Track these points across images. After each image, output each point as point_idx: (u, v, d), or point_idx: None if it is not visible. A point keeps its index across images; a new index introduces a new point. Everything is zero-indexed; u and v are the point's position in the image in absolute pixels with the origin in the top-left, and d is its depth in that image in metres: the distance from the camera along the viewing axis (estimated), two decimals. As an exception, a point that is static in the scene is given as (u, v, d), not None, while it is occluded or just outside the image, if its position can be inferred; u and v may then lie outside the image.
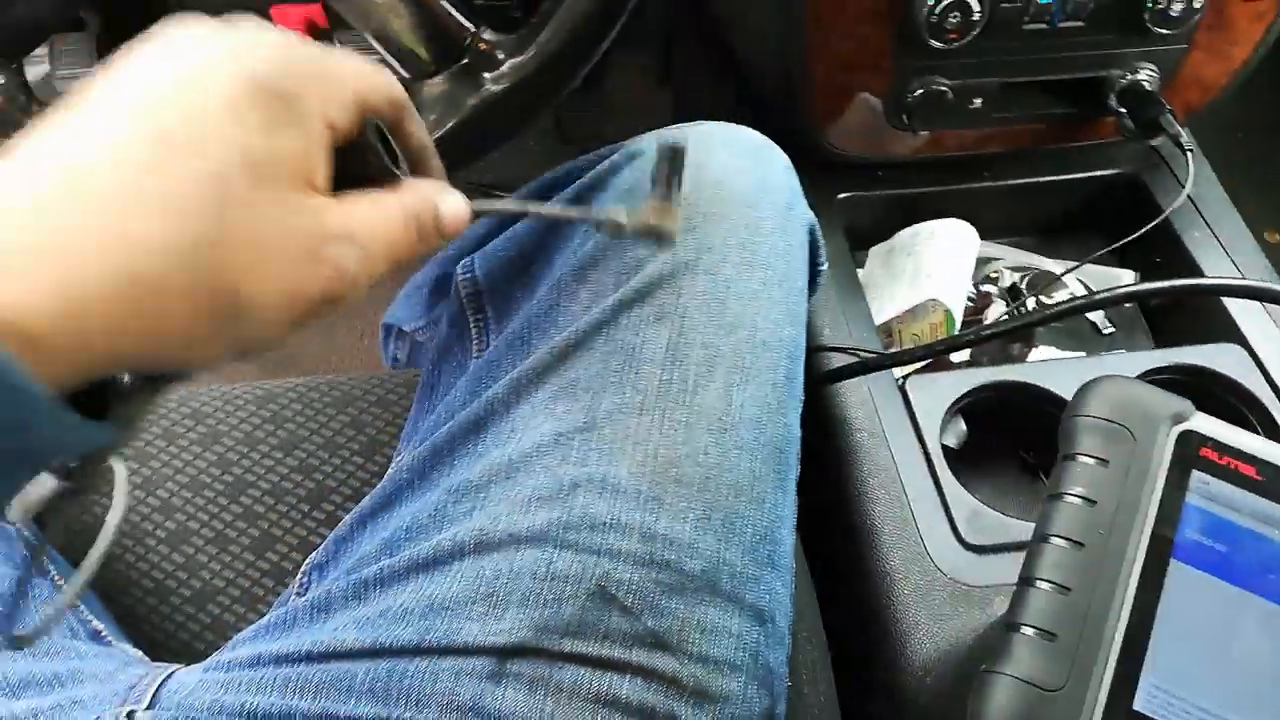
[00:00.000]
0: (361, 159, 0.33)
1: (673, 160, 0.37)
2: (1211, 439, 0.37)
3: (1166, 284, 0.55)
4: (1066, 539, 0.35)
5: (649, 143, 0.54)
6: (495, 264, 0.56)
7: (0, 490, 0.27)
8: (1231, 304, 0.70)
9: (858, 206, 0.79)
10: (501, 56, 0.46)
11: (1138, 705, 0.32)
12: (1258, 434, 0.65)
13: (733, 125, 0.56)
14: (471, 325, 0.57)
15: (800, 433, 0.52)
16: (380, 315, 0.73)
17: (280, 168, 0.28)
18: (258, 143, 0.27)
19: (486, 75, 0.46)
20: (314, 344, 1.21)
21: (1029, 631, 0.33)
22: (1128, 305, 0.79)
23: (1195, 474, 0.36)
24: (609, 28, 0.46)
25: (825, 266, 0.58)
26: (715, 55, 0.92)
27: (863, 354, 0.66)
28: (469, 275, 0.57)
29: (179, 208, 0.26)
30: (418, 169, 0.38)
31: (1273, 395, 0.64)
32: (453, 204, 0.35)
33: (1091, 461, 0.36)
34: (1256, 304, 0.70)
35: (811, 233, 0.56)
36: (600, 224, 0.38)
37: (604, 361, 0.47)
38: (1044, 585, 0.34)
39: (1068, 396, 0.63)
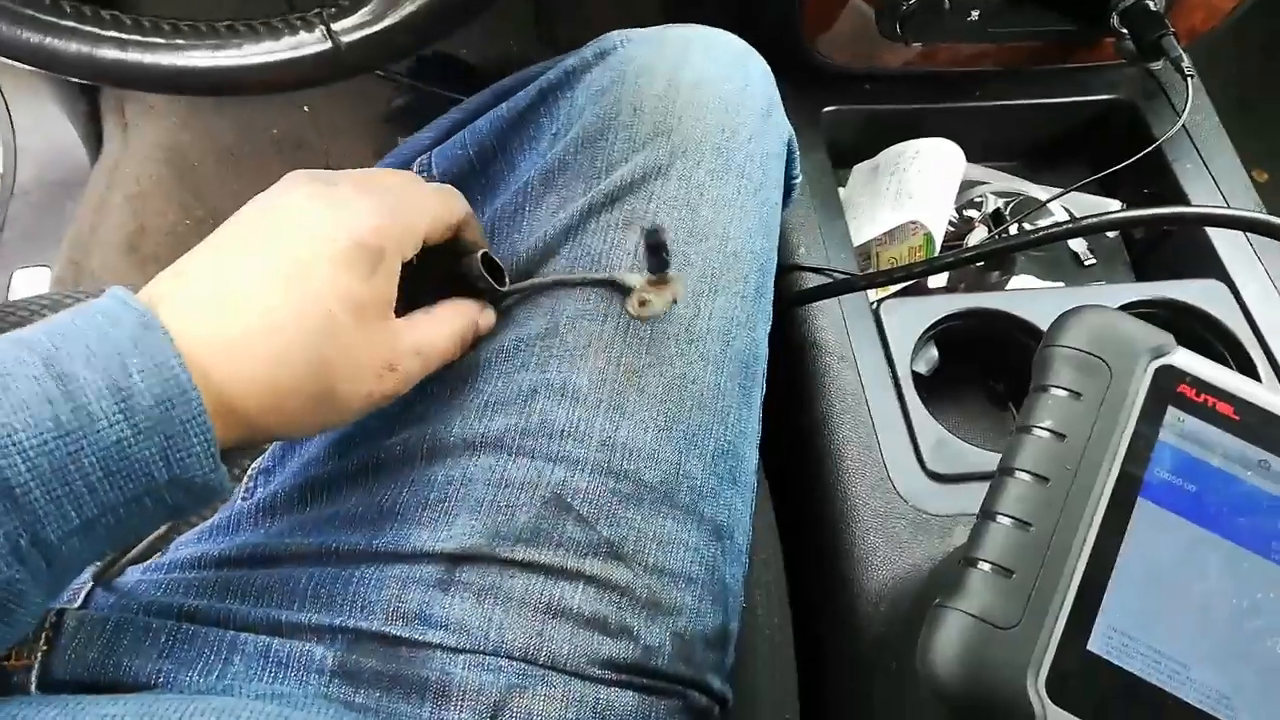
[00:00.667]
0: (442, 273, 0.43)
1: (654, 244, 0.41)
2: (1190, 375, 0.35)
3: (1149, 212, 0.52)
4: (1031, 473, 0.33)
5: (617, 40, 0.51)
6: (453, 163, 0.53)
7: (129, 535, 0.32)
8: (1217, 239, 0.69)
9: (842, 121, 0.76)
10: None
11: (1092, 646, 0.31)
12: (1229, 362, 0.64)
13: (714, 30, 0.53)
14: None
15: (768, 350, 0.50)
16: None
17: (371, 305, 0.36)
18: (357, 288, 0.35)
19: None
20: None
21: (985, 567, 0.32)
22: (1110, 236, 0.77)
23: (1171, 410, 0.35)
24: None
25: (799, 179, 0.56)
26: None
27: (837, 275, 0.64)
28: (426, 173, 0.54)
29: (308, 339, 0.34)
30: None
31: (1251, 334, 0.63)
32: (488, 318, 0.44)
33: (1064, 394, 0.35)
34: (1242, 239, 0.68)
35: (789, 144, 0.54)
36: (617, 285, 0.43)
37: (569, 268, 0.45)
38: (1004, 520, 0.32)
39: (1043, 326, 0.62)
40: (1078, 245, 0.76)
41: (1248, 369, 0.62)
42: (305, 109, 1.25)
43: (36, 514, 0.29)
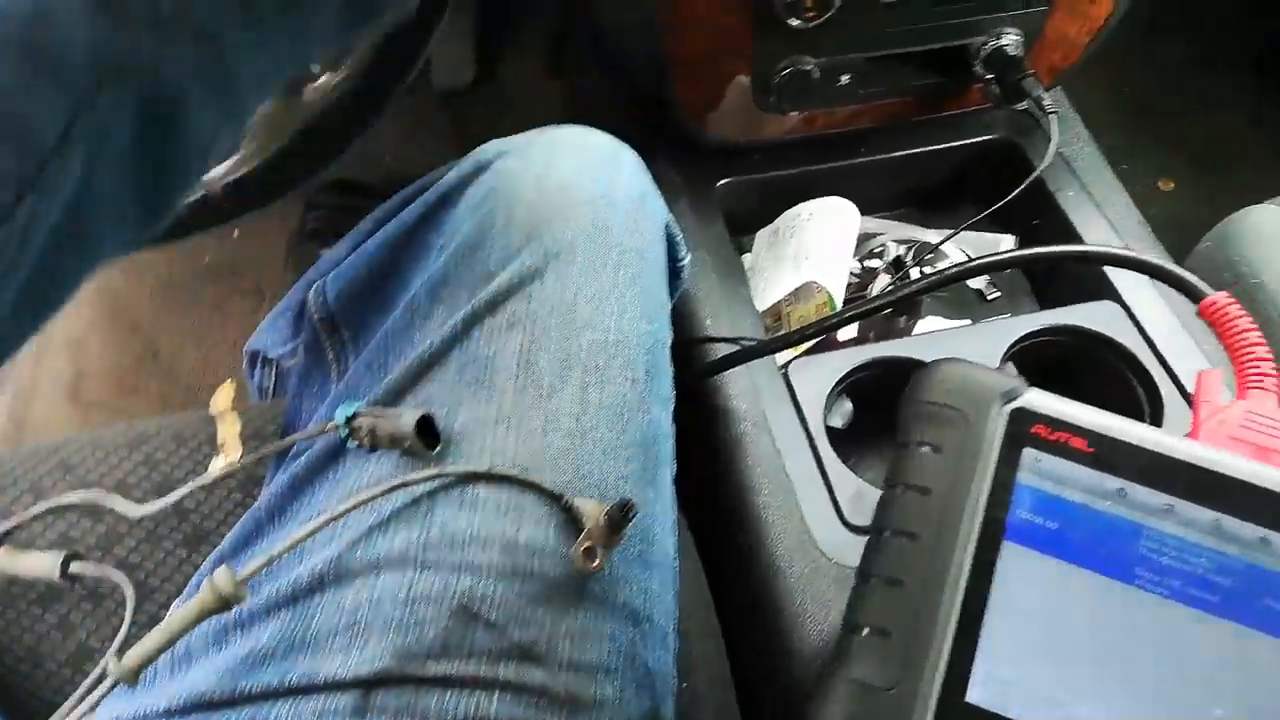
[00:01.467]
0: None
1: (618, 519, 0.41)
2: (1043, 414, 0.37)
3: (1021, 254, 0.55)
4: (899, 532, 0.34)
5: (493, 151, 0.53)
6: (348, 285, 0.55)
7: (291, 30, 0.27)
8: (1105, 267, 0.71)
9: (738, 191, 0.78)
10: (317, 70, 0.45)
11: (971, 697, 0.31)
12: (1136, 390, 0.66)
13: (583, 130, 0.55)
14: (329, 349, 0.55)
15: (673, 428, 0.51)
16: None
17: None
18: None
19: (305, 91, 0.44)
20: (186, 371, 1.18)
21: (864, 631, 0.33)
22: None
23: (1027, 451, 0.36)
24: (425, 37, 0.45)
25: (687, 259, 0.58)
26: (601, 49, 0.91)
27: (744, 342, 0.66)
28: (321, 298, 0.55)
29: None
30: None
31: (1148, 350, 0.65)
32: None
33: (925, 449, 0.36)
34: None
35: (668, 228, 0.56)
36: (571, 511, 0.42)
37: (459, 375, 0.46)
38: (877, 582, 0.33)
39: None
40: (978, 282, 0.78)
41: (1148, 386, 0.64)
42: (235, 234, 1.27)
43: None
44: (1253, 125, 1.44)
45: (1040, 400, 0.37)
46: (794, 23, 0.64)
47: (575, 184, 0.50)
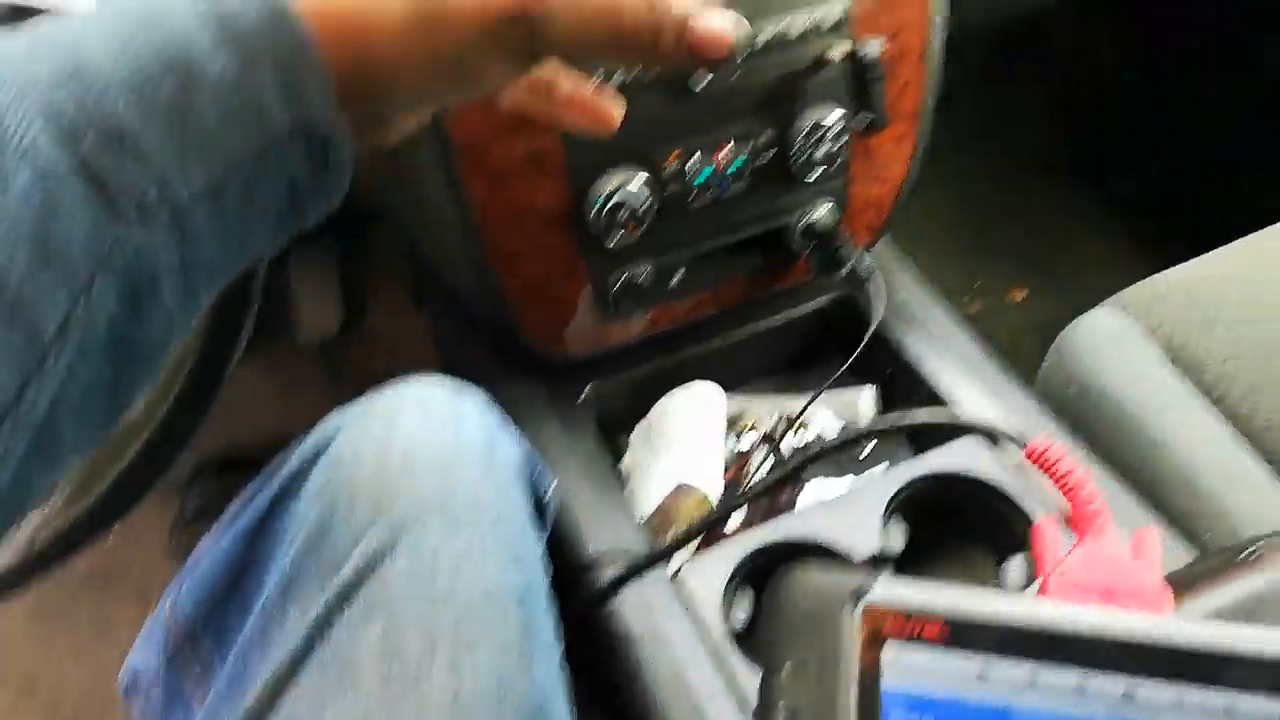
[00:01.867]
0: None
1: None
2: (892, 607, 0.37)
3: (876, 427, 0.57)
4: (772, 768, 0.33)
5: (333, 427, 0.53)
6: (205, 589, 0.53)
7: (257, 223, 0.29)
8: (962, 400, 0.74)
9: (606, 394, 0.80)
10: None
11: None
12: (1011, 519, 0.67)
13: (423, 383, 0.55)
14: (193, 663, 0.53)
15: (564, 676, 0.49)
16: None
17: None
18: None
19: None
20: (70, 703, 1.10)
21: None
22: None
23: (886, 649, 0.36)
24: (239, 326, 0.45)
25: (551, 490, 0.58)
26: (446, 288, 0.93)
27: (629, 558, 0.65)
28: (178, 608, 0.53)
29: None
30: None
31: (1014, 481, 0.67)
32: None
33: (789, 667, 0.36)
34: (980, 395, 0.73)
35: (527, 462, 0.56)
36: None
37: (321, 677, 0.44)
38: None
39: (831, 541, 0.64)
40: (851, 437, 0.79)
41: (1019, 514, 0.65)
42: (110, 539, 1.22)
43: (155, 163, 0.26)
44: (1084, 226, 1.55)
45: (889, 592, 0.37)
46: (615, 241, 0.67)
47: (417, 448, 0.50)
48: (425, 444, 0.51)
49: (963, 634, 0.36)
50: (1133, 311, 0.80)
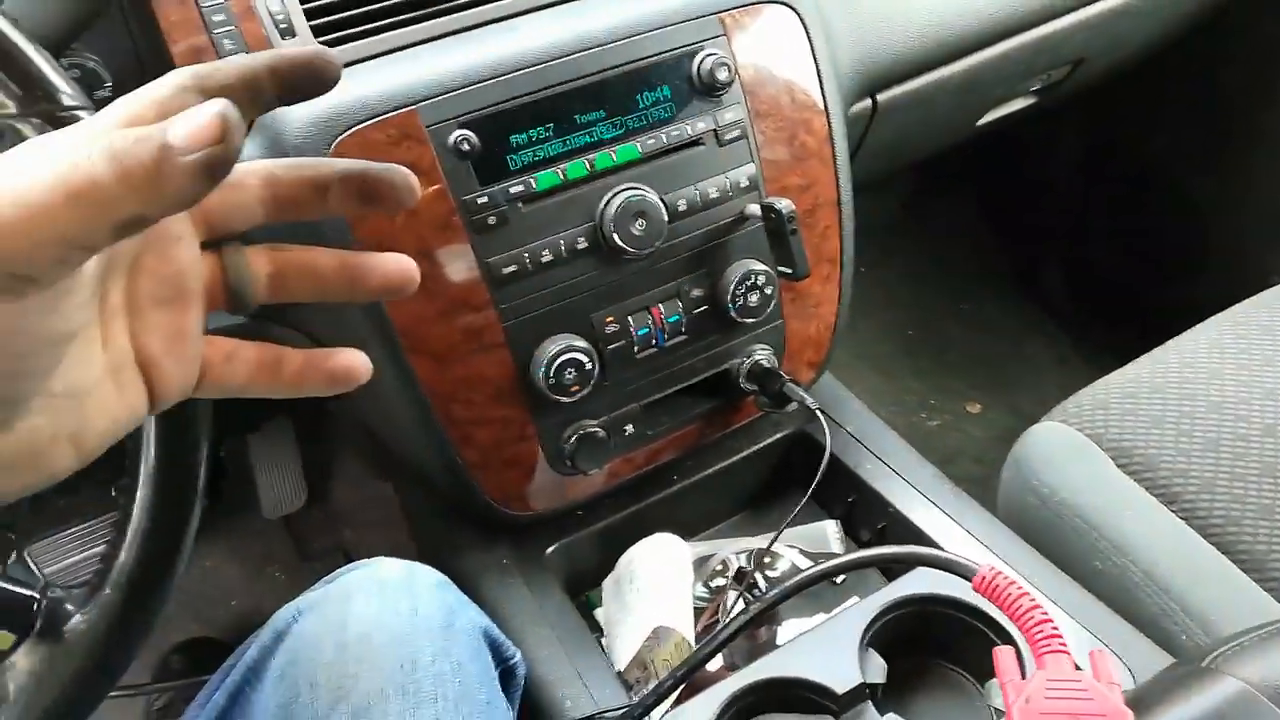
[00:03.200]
0: None
1: None
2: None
3: (836, 563, 0.57)
4: None
5: (289, 616, 0.53)
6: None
7: None
8: (923, 524, 0.75)
9: (572, 552, 0.80)
10: (71, 609, 0.44)
11: None
12: (989, 638, 0.67)
13: (377, 564, 0.56)
14: None
15: None
16: None
17: None
18: None
19: (67, 630, 0.44)
20: None
21: None
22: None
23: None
24: (180, 537, 0.45)
25: (516, 656, 0.57)
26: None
27: (606, 717, 0.64)
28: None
29: None
30: None
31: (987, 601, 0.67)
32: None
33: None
34: (938, 516, 0.74)
35: (486, 632, 0.56)
36: None
37: None
38: None
39: (811, 678, 0.63)
40: (820, 571, 0.79)
41: (999, 633, 0.65)
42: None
43: None
44: (1030, 333, 1.60)
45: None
46: (563, 400, 0.69)
47: (374, 630, 0.50)
48: (381, 625, 0.51)
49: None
50: (1077, 421, 0.82)
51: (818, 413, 0.74)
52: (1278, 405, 0.79)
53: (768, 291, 0.74)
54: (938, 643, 0.70)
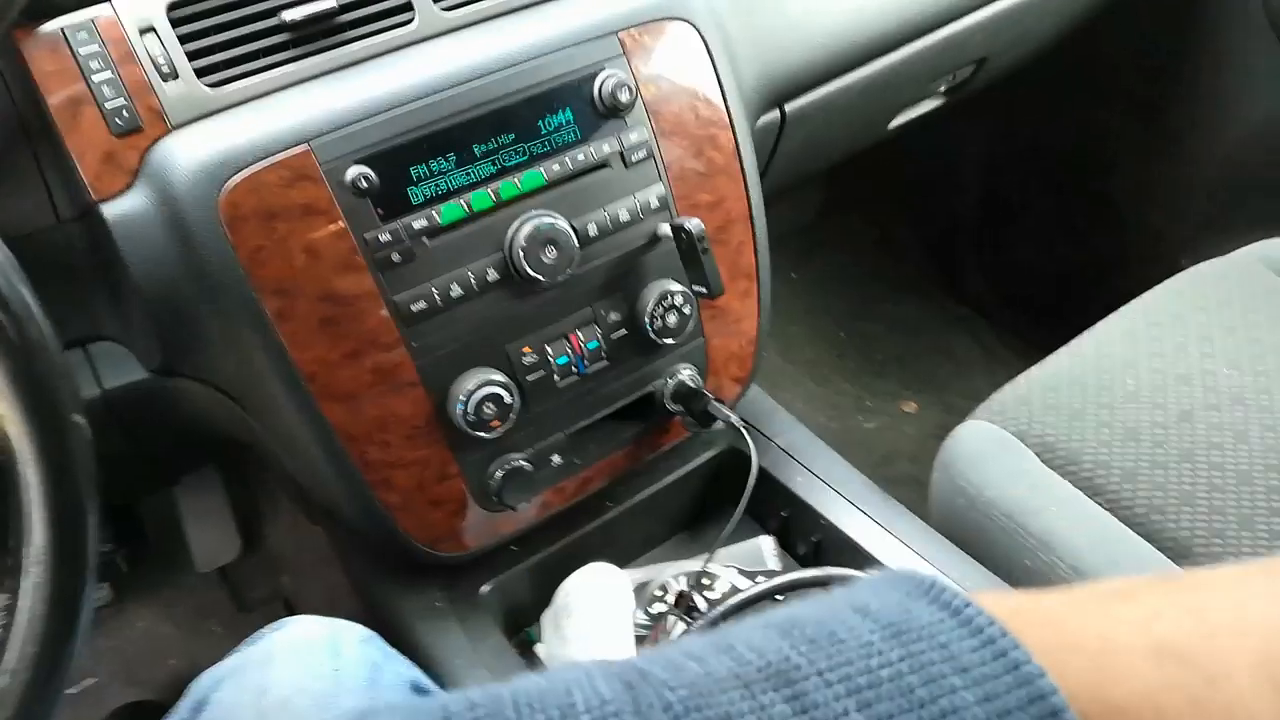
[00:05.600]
0: None
1: None
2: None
3: (778, 582, 0.57)
4: None
5: (206, 686, 0.51)
6: None
7: None
8: (861, 540, 0.75)
9: (508, 588, 0.78)
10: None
11: None
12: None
13: (296, 622, 0.54)
14: None
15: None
16: None
17: None
18: None
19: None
20: None
21: None
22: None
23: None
24: (74, 618, 0.43)
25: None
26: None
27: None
28: None
29: None
30: None
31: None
32: None
33: None
34: (872, 527, 0.75)
35: (414, 685, 0.54)
36: None
37: None
38: None
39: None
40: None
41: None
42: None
43: None
44: (955, 332, 1.62)
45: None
46: (485, 435, 0.67)
47: (296, 695, 0.48)
48: (303, 689, 0.49)
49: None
50: (1001, 418, 0.83)
51: (742, 430, 0.73)
52: (1192, 390, 0.81)
53: (685, 311, 0.73)
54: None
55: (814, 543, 0.79)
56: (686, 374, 0.76)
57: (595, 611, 0.74)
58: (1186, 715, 0.23)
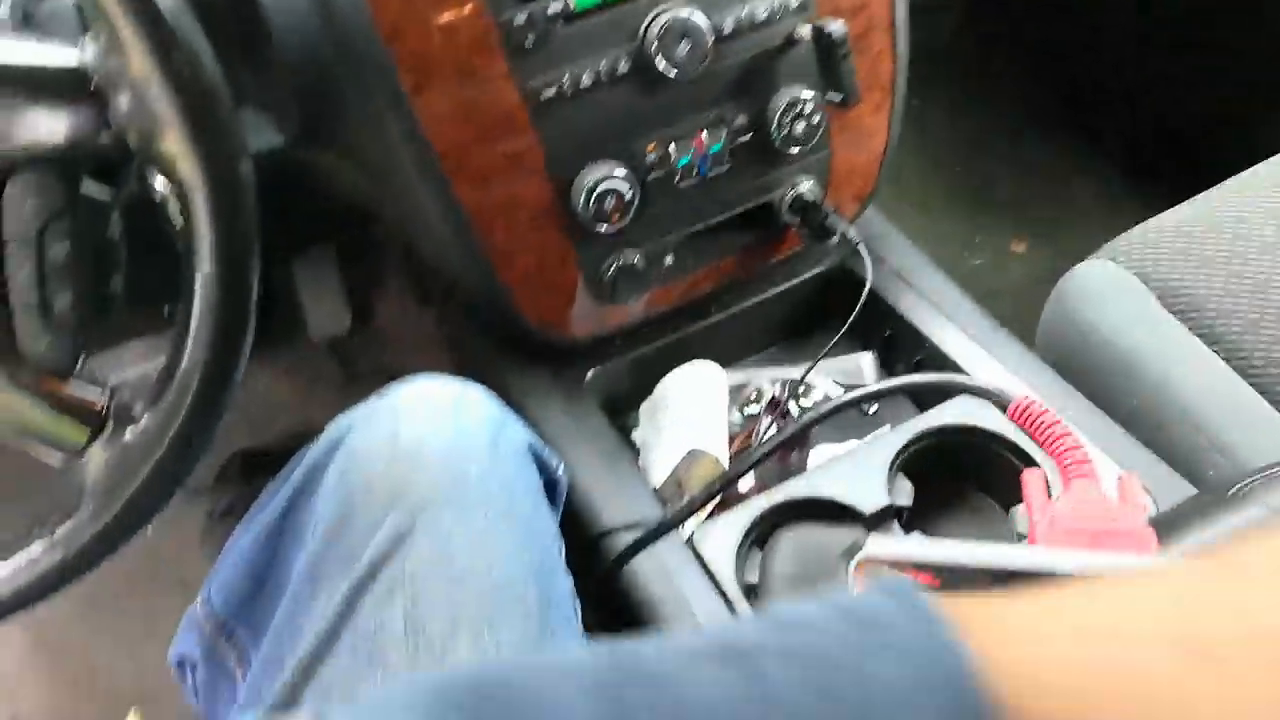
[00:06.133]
0: None
1: None
2: (886, 558, 0.39)
3: (868, 390, 0.58)
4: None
5: (344, 426, 0.55)
6: (231, 588, 0.56)
7: None
8: (959, 358, 0.75)
9: (610, 376, 0.81)
10: (139, 410, 0.46)
11: None
12: (1018, 466, 0.69)
13: (424, 381, 0.58)
14: (229, 654, 0.55)
15: (581, 645, 0.52)
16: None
17: None
18: None
19: (136, 429, 0.46)
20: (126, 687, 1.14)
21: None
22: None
23: (880, 601, 0.37)
24: (238, 342, 0.47)
25: (560, 470, 0.60)
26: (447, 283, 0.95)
27: (643, 525, 0.67)
28: (208, 607, 0.56)
29: None
30: None
31: (1017, 431, 0.68)
32: None
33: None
34: (976, 350, 0.75)
35: (532, 448, 0.58)
36: None
37: (352, 656, 0.47)
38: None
39: (838, 497, 0.65)
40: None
41: (1023, 457, 0.67)
42: (149, 531, 1.26)
43: None
44: (1078, 175, 1.55)
45: (880, 548, 0.39)
46: (603, 229, 0.69)
47: (425, 440, 0.53)
48: (432, 436, 0.53)
49: (954, 582, 0.37)
50: (1125, 259, 0.81)
51: (860, 245, 0.73)
52: (1335, 247, 0.77)
53: (815, 120, 0.72)
54: (967, 471, 0.72)
55: (915, 363, 0.80)
56: (806, 186, 0.76)
57: (690, 405, 0.77)
58: (1108, 688, 0.24)
